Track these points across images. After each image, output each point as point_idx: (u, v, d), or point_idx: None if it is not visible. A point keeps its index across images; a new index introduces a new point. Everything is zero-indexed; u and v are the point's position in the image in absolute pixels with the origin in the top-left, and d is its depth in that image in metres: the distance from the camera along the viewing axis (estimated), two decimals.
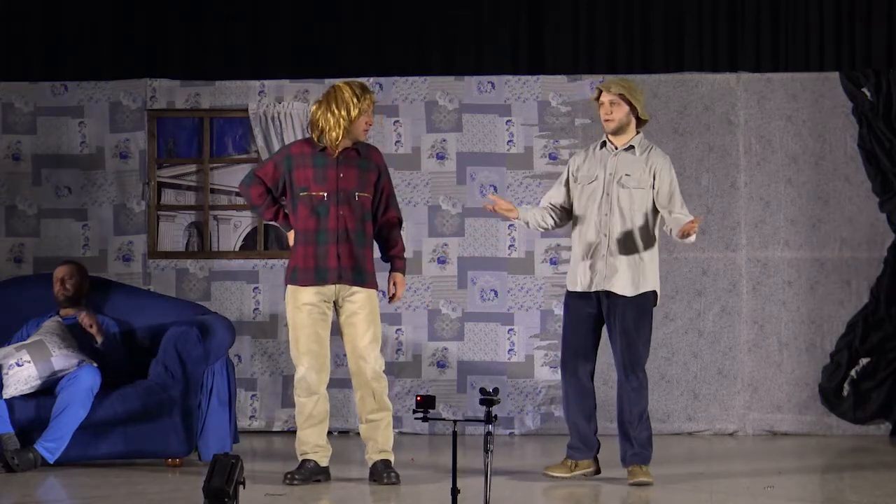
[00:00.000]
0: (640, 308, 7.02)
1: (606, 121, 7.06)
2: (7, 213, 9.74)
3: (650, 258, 7.05)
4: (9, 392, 7.51)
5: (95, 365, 7.56)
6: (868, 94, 9.40)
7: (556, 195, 7.24)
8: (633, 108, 7.04)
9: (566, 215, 7.22)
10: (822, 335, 9.41)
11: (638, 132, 7.12)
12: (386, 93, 9.58)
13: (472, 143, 9.60)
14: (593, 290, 7.03)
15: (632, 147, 7.06)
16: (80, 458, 7.49)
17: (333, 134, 6.97)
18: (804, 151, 9.47)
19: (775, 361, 9.42)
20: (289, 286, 7.07)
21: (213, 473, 5.60)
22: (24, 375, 7.53)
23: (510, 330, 9.47)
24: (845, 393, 9.38)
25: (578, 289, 7.08)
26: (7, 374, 7.53)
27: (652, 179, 7.01)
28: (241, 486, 5.63)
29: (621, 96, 7.02)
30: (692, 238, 6.92)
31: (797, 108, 9.47)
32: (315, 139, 7.04)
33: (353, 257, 6.99)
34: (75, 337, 7.74)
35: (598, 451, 7.19)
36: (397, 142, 9.59)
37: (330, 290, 7.02)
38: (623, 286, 6.99)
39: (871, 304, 9.40)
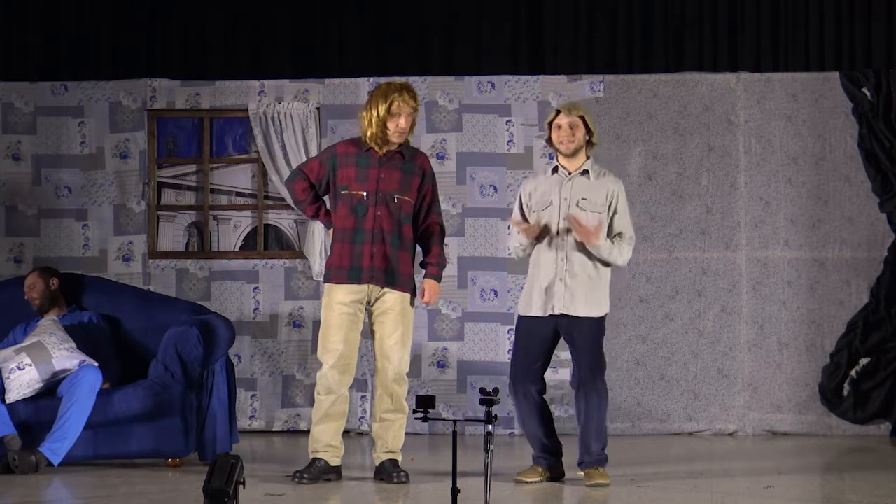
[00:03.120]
0: (599, 326, 7.07)
1: (566, 143, 7.04)
2: (7, 213, 9.74)
3: (607, 279, 7.09)
4: (11, 396, 7.47)
5: (96, 364, 7.55)
6: (868, 94, 9.40)
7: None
8: (589, 132, 7.07)
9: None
10: (822, 335, 9.41)
11: (588, 157, 7.13)
12: None
13: (472, 143, 9.59)
14: (549, 314, 7.02)
15: (586, 171, 7.08)
16: (80, 458, 7.48)
17: (368, 132, 6.99)
18: (804, 151, 9.47)
19: (775, 361, 9.41)
20: (325, 284, 7.08)
21: (213, 473, 5.60)
22: (25, 379, 7.50)
23: (510, 330, 9.46)
24: (845, 393, 9.38)
25: (533, 313, 7.07)
26: (9, 378, 7.48)
27: (608, 204, 7.04)
28: (241, 486, 5.62)
29: (581, 119, 7.04)
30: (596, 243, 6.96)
31: (797, 108, 9.47)
32: (363, 139, 7.05)
33: (387, 259, 6.97)
34: (72, 335, 7.73)
35: (561, 455, 7.19)
36: None
37: (363, 289, 6.99)
38: (584, 309, 7.00)
39: (871, 304, 9.39)
